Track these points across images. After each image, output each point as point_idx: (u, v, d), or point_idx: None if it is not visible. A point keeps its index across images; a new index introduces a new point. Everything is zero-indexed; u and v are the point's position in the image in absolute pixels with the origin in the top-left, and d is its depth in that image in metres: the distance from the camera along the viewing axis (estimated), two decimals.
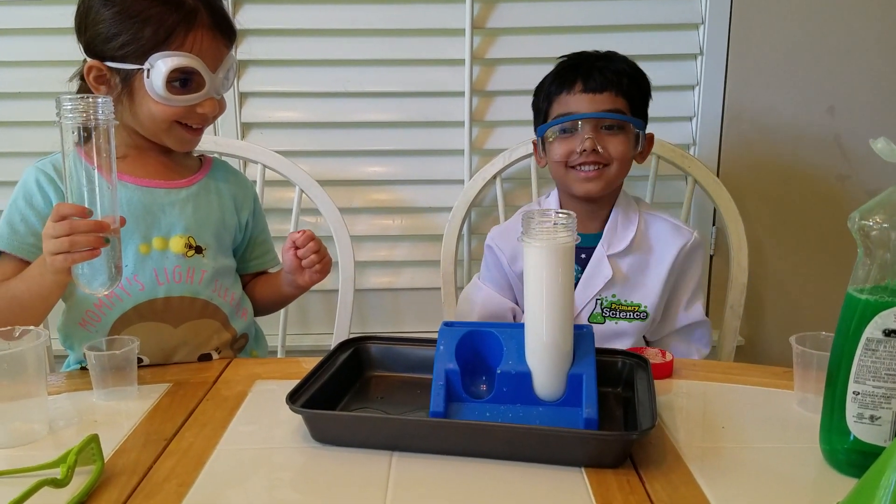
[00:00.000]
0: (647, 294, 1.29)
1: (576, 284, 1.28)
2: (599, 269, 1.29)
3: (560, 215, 0.82)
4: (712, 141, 1.70)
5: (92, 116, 0.87)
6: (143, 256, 1.09)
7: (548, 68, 1.62)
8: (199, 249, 1.13)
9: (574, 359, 0.84)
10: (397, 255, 1.75)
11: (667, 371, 1.00)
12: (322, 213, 1.53)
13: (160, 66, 1.01)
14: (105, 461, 0.75)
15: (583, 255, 1.30)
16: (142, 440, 0.82)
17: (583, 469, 0.75)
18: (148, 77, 1.02)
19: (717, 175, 1.66)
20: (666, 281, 1.29)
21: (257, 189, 1.54)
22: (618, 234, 1.31)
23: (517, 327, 0.86)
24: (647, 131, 1.32)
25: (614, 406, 0.90)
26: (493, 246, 1.38)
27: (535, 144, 1.39)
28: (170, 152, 1.15)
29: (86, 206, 0.89)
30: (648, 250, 1.31)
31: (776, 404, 0.91)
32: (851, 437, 0.73)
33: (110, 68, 1.04)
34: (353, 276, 1.52)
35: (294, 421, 0.83)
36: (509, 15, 1.64)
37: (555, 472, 0.75)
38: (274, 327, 1.61)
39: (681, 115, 1.70)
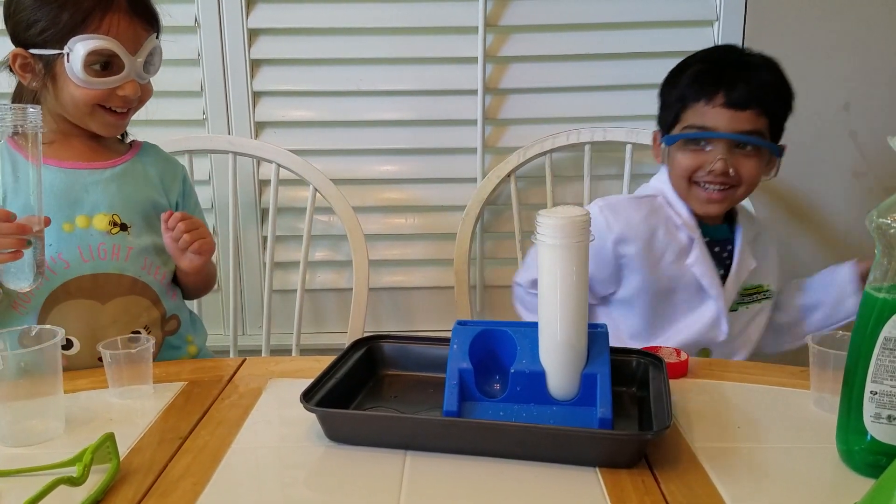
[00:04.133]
0: (768, 274, 1.31)
1: (724, 279, 1.25)
2: (744, 262, 1.26)
3: (575, 214, 0.81)
4: None
5: (20, 125, 0.89)
6: (66, 235, 1.10)
7: (561, 66, 1.61)
8: (123, 227, 1.13)
9: (588, 358, 0.84)
10: (410, 254, 1.75)
11: (682, 370, 0.99)
12: (336, 211, 1.53)
13: (78, 50, 1.04)
14: (120, 459, 0.75)
15: (716, 249, 1.26)
16: (157, 439, 0.83)
17: (597, 469, 0.75)
18: (68, 61, 1.05)
19: None
20: (778, 257, 1.34)
21: (271, 188, 1.55)
22: (745, 225, 1.29)
23: (531, 326, 0.86)
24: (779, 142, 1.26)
25: (629, 406, 0.90)
26: (601, 215, 1.23)
27: (655, 137, 1.30)
28: (97, 137, 1.16)
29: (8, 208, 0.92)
30: (760, 237, 1.33)
31: (792, 404, 0.91)
32: (868, 438, 0.72)
33: (33, 55, 1.07)
34: (367, 275, 1.52)
35: (308, 420, 0.83)
36: (522, 12, 1.63)
37: (569, 472, 0.74)
38: (288, 326, 1.61)
39: None
